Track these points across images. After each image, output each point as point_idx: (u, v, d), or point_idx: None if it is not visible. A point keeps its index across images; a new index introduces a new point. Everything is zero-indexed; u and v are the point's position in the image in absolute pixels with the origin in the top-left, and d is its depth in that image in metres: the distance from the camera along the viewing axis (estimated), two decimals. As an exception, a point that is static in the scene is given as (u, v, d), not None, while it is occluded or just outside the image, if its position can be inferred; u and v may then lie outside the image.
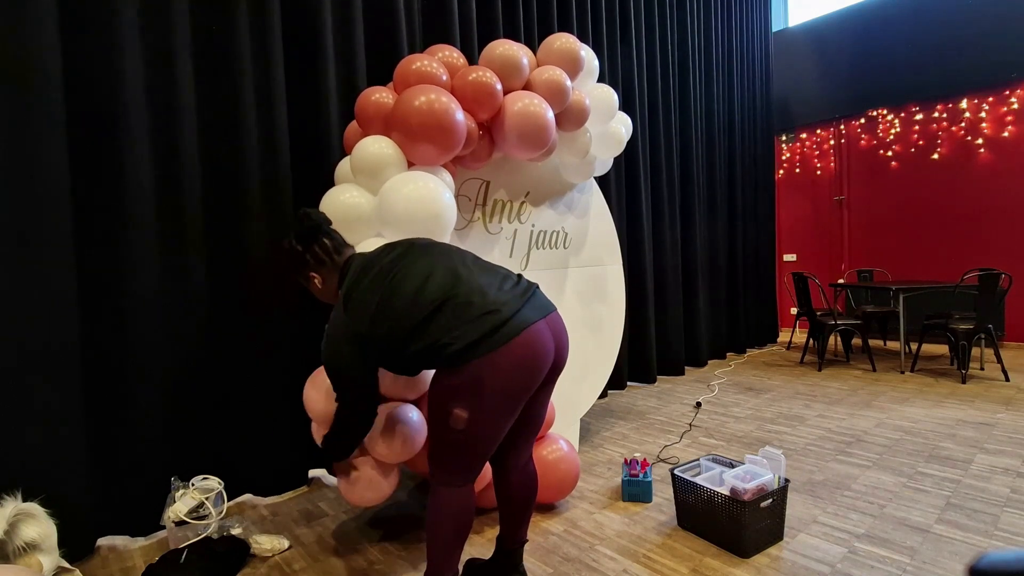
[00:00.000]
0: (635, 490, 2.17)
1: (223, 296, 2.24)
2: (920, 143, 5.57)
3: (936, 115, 5.47)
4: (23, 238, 1.75)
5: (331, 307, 1.59)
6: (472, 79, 1.98)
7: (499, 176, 2.37)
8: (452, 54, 2.13)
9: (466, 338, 1.28)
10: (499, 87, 2.03)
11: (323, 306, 2.31)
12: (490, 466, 1.60)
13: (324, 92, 2.42)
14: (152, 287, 2.05)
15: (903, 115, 5.67)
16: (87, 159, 1.93)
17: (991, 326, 3.86)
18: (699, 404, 3.57)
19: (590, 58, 2.48)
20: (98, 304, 1.96)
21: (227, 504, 2.05)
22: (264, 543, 1.88)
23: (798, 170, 6.49)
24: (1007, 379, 3.90)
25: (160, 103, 2.07)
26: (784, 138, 6.58)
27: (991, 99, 5.16)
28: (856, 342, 5.65)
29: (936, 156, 5.47)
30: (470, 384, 1.29)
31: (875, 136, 5.86)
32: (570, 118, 2.30)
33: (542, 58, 2.32)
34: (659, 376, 4.40)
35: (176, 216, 2.12)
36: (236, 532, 1.93)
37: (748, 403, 3.56)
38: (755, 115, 5.77)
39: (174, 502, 1.91)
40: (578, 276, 2.72)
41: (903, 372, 4.26)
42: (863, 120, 5.94)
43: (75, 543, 1.85)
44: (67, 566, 1.73)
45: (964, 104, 5.30)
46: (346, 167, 2.02)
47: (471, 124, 1.98)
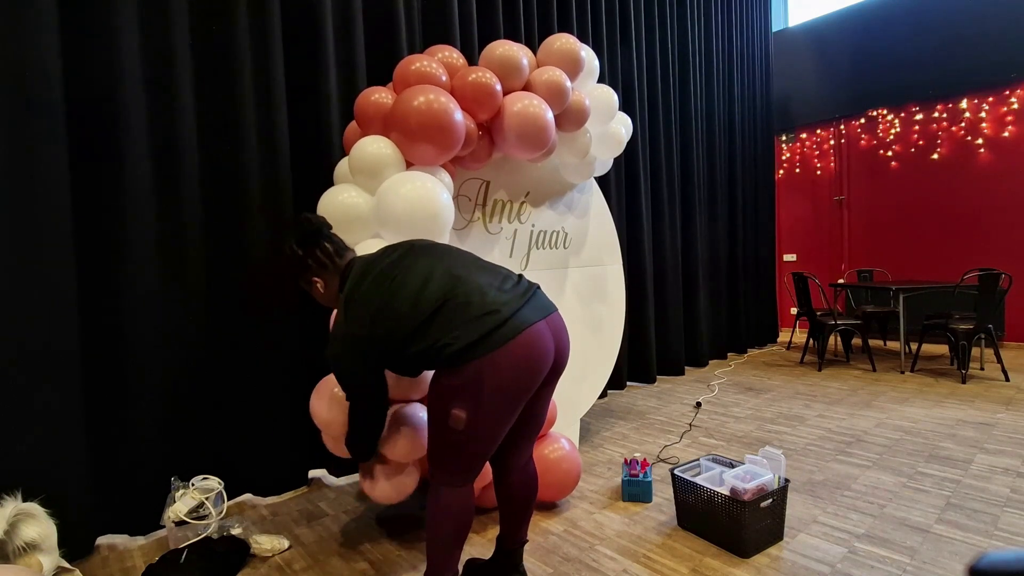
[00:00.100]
0: (635, 490, 2.18)
1: (223, 296, 2.24)
2: (920, 143, 5.57)
3: (936, 115, 5.47)
4: (23, 238, 1.75)
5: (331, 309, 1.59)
6: (472, 79, 1.98)
7: (499, 176, 2.37)
8: (452, 54, 2.13)
9: (466, 338, 1.28)
10: (499, 88, 2.03)
11: (323, 307, 2.31)
12: (490, 466, 1.60)
13: (324, 92, 2.42)
14: (152, 287, 2.05)
15: (903, 115, 5.67)
16: (87, 159, 1.93)
17: (991, 326, 3.86)
18: (699, 404, 3.57)
19: (590, 58, 2.48)
20: (98, 304, 1.96)
21: (227, 504, 2.05)
22: (264, 543, 1.88)
23: (798, 170, 6.49)
24: (1007, 379, 3.90)
25: (160, 103, 2.07)
26: (784, 138, 6.58)
27: (991, 99, 5.16)
28: (856, 342, 5.65)
29: (936, 156, 5.47)
30: (470, 384, 1.29)
31: (875, 136, 5.86)
32: (570, 119, 2.30)
33: (542, 58, 2.32)
34: (659, 376, 4.40)
35: (176, 216, 2.12)
36: (236, 532, 1.93)
37: (748, 403, 3.56)
38: (755, 115, 5.77)
39: (174, 502, 1.91)
40: (578, 276, 2.72)
41: (903, 372, 4.26)
42: (863, 120, 5.94)
43: (75, 543, 1.85)
44: (67, 566, 1.73)
45: (964, 104, 5.30)
46: (345, 167, 2.02)
47: (470, 124, 1.98)
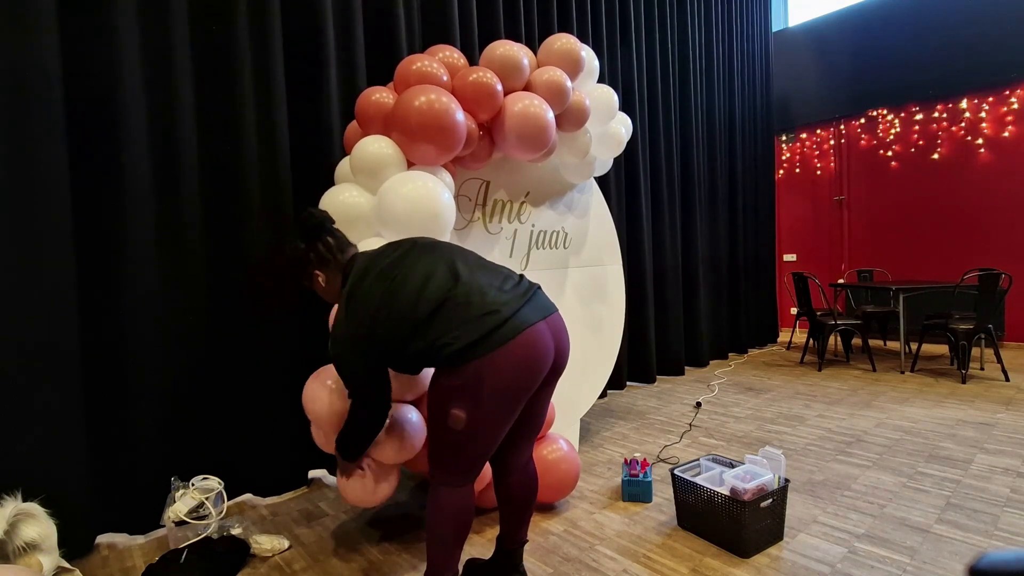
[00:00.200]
0: (635, 490, 2.18)
1: (223, 296, 2.24)
2: (920, 143, 5.57)
3: (936, 115, 5.47)
4: (23, 238, 1.75)
5: (332, 306, 1.58)
6: (472, 80, 1.98)
7: (499, 176, 2.37)
8: (452, 54, 2.13)
9: (465, 338, 1.28)
10: (499, 88, 2.03)
11: (323, 306, 2.31)
12: (490, 466, 1.59)
13: (324, 92, 2.42)
14: (152, 287, 2.05)
15: (903, 115, 5.67)
16: (87, 159, 1.93)
17: (991, 326, 3.86)
18: (699, 404, 3.57)
19: (590, 58, 2.48)
20: (98, 304, 1.96)
21: (227, 504, 2.05)
22: (264, 543, 1.88)
23: (798, 170, 6.49)
24: (1007, 379, 3.90)
25: (160, 103, 2.07)
26: (784, 138, 6.58)
27: (991, 99, 5.16)
28: (856, 342, 5.65)
29: (936, 156, 5.47)
30: (469, 385, 1.29)
31: (875, 136, 5.86)
32: (570, 119, 2.30)
33: (542, 59, 2.32)
34: (659, 376, 4.40)
35: (176, 216, 2.12)
36: (236, 532, 1.93)
37: (748, 403, 3.56)
38: (755, 115, 5.77)
39: (174, 502, 1.91)
40: (578, 276, 2.72)
41: (903, 372, 4.26)
42: (863, 120, 5.94)
43: (75, 543, 1.85)
44: (67, 566, 1.73)
45: (964, 104, 5.30)
46: (346, 167, 2.02)
47: (471, 124, 1.98)
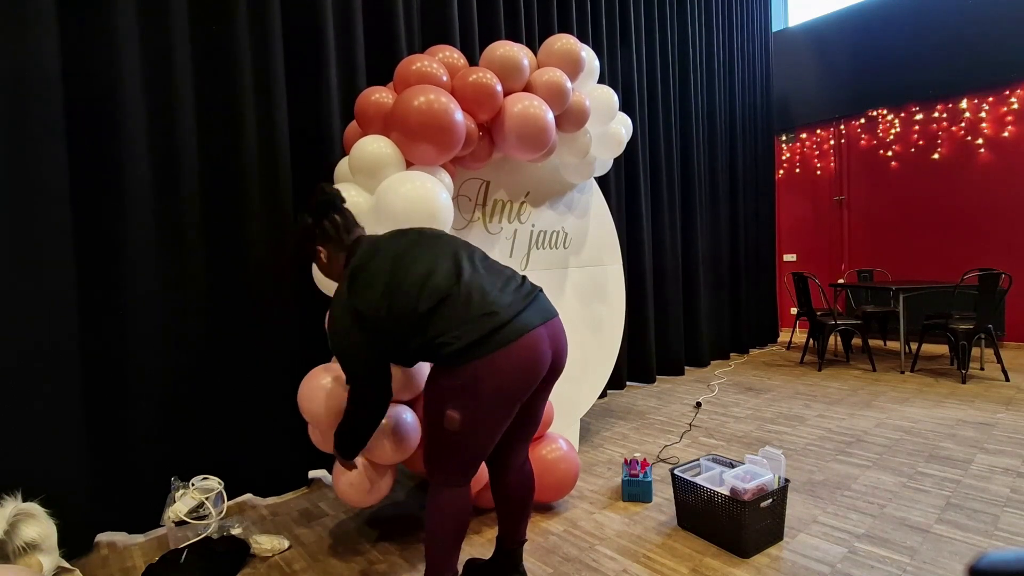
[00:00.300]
0: (635, 490, 2.18)
1: (223, 296, 2.24)
2: (920, 143, 5.57)
3: (936, 115, 5.47)
4: (23, 238, 1.75)
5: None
6: (472, 80, 1.98)
7: (499, 176, 2.37)
8: (452, 55, 2.13)
9: (464, 339, 1.28)
10: (499, 88, 2.03)
11: (323, 306, 2.31)
12: (487, 466, 1.59)
13: (324, 92, 2.42)
14: (152, 287, 2.05)
15: (903, 115, 5.67)
16: (87, 159, 1.93)
17: (991, 326, 3.86)
18: (699, 404, 3.57)
19: (590, 59, 2.48)
20: (98, 304, 1.96)
21: (227, 504, 2.05)
22: (264, 543, 1.88)
23: (798, 170, 6.49)
24: (1007, 379, 3.90)
25: (160, 103, 2.07)
26: (784, 138, 6.57)
27: (991, 99, 5.16)
28: (856, 342, 5.65)
29: (936, 156, 5.47)
30: (466, 386, 1.29)
31: (875, 136, 5.86)
32: (570, 119, 2.30)
33: (543, 59, 2.32)
34: (659, 376, 4.40)
35: (176, 216, 2.12)
36: (236, 532, 1.93)
37: (748, 403, 3.56)
38: (755, 115, 5.76)
39: (174, 502, 1.91)
40: (578, 276, 2.72)
41: (903, 372, 4.26)
42: (863, 120, 5.94)
43: (75, 542, 1.85)
44: (67, 566, 1.73)
45: (964, 104, 5.29)
46: (345, 167, 2.02)
47: (471, 125, 1.98)
